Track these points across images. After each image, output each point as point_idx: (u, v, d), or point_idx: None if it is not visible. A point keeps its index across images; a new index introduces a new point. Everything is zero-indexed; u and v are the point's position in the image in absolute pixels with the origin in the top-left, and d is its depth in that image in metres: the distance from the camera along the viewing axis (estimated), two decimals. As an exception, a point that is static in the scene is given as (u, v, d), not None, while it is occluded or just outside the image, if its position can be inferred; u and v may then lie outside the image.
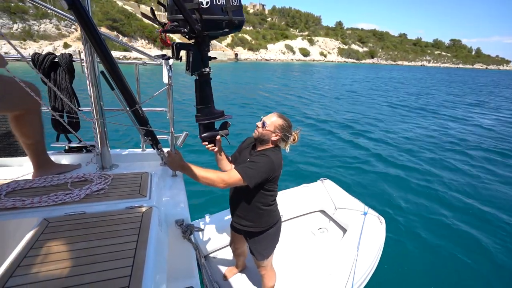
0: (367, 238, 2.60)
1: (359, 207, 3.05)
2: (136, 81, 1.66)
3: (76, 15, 1.07)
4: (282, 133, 1.65)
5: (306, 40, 79.20)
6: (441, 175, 5.96)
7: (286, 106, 12.74)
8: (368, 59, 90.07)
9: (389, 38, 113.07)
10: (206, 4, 1.28)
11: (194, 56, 1.42)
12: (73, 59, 1.54)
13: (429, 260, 3.45)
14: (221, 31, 1.40)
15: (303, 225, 3.13)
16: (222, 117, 1.67)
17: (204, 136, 1.66)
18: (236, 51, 55.90)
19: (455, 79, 42.13)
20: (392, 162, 6.55)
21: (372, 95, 18.57)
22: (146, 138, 1.46)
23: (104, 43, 1.16)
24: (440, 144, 8.26)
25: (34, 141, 1.37)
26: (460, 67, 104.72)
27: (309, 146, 7.42)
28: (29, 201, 1.13)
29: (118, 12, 41.18)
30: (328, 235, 3.02)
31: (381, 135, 8.84)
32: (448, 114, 13.31)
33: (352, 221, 2.86)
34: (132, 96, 1.30)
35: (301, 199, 3.28)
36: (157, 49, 42.76)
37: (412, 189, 5.25)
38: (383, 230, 2.78)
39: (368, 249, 2.50)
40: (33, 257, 0.84)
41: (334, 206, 3.17)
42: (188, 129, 1.76)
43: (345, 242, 2.59)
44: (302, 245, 2.82)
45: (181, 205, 1.42)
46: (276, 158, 1.62)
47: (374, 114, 12.11)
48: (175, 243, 1.36)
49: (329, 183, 3.52)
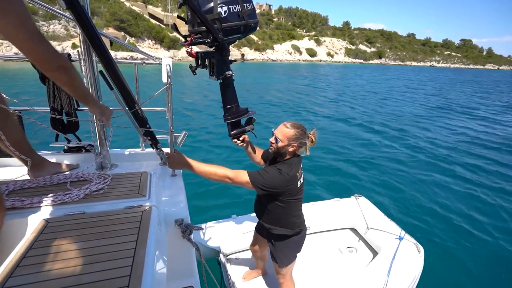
0: (401, 265, 2.39)
1: (394, 231, 2.81)
2: (135, 81, 1.66)
3: (74, 15, 1.07)
4: (298, 142, 1.64)
5: (313, 40, 78.76)
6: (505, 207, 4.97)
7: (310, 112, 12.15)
8: (376, 59, 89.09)
9: (397, 38, 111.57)
10: (225, 13, 1.38)
11: (218, 62, 1.54)
12: (71, 59, 1.53)
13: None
14: (239, 35, 1.52)
15: (331, 241, 2.98)
16: (247, 114, 1.77)
17: (233, 134, 1.77)
18: (242, 51, 55.96)
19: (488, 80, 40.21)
20: (441, 185, 5.60)
21: (413, 100, 17.22)
22: (146, 138, 1.46)
23: (102, 43, 1.15)
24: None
25: (15, 141, 1.33)
26: (470, 67, 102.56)
27: (344, 156, 6.85)
28: (28, 201, 1.13)
29: (126, 12, 41.64)
30: (356, 255, 2.83)
31: (433, 149, 7.65)
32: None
33: (385, 244, 2.65)
34: (131, 96, 1.30)
35: (331, 214, 3.11)
36: (164, 49, 43.16)
37: (462, 221, 4.46)
38: (420, 260, 2.51)
39: (402, 278, 2.28)
40: (33, 257, 0.84)
41: (367, 226, 2.95)
42: (186, 129, 1.76)
43: (375, 265, 2.41)
44: (327, 262, 2.68)
45: (180, 204, 1.42)
46: (290, 172, 1.61)
47: (417, 123, 10.95)
48: (174, 242, 1.36)
49: (364, 201, 3.30)
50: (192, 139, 7.26)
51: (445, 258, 3.64)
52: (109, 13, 39.29)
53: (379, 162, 6.68)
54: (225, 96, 1.67)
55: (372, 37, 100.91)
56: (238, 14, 1.43)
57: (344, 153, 7.12)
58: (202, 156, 6.32)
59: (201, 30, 1.42)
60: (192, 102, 12.59)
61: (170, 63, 1.38)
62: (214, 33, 1.38)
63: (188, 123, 9.08)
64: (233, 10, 1.40)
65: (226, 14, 1.39)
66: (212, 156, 6.39)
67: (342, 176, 5.74)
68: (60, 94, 1.51)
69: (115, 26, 38.89)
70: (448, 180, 5.91)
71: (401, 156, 7.18)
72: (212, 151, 6.71)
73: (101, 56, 1.17)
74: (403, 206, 4.77)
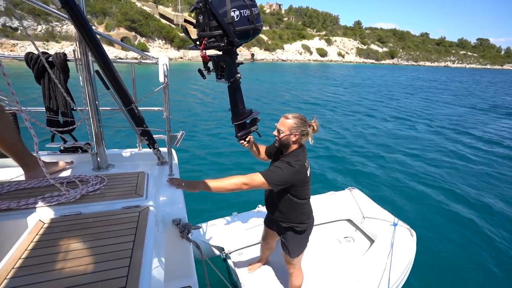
0: (397, 250, 2.53)
1: (388, 218, 2.97)
2: (132, 81, 1.65)
3: (69, 14, 1.05)
4: (299, 131, 1.71)
5: (324, 40, 77.88)
6: (489, 189, 5.53)
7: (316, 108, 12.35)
8: (388, 59, 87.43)
9: (410, 38, 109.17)
10: (237, 18, 1.43)
11: (228, 65, 1.58)
12: (67, 58, 1.53)
13: (462, 282, 3.23)
14: (248, 39, 1.58)
15: (329, 232, 3.10)
16: (252, 115, 1.85)
17: (240, 135, 1.85)
18: (252, 51, 55.96)
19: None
20: (429, 176, 6.03)
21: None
22: (142, 138, 1.45)
23: (98, 42, 1.14)
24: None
25: (10, 142, 1.34)
26: (487, 68, 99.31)
27: (338, 151, 7.23)
28: (24, 202, 1.12)
29: (137, 12, 42.28)
30: (354, 244, 2.96)
31: (421, 147, 8.04)
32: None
33: (381, 232, 2.79)
34: (127, 95, 1.28)
35: (327, 206, 3.24)
36: (174, 49, 43.64)
37: (448, 205, 4.86)
38: (413, 244, 2.69)
39: (398, 262, 2.42)
40: (28, 259, 0.83)
41: (362, 216, 3.11)
42: (184, 128, 1.75)
43: (373, 252, 2.53)
44: (327, 252, 2.79)
45: (178, 204, 1.41)
46: (298, 163, 1.68)
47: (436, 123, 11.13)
48: (172, 242, 1.35)
49: (357, 192, 3.47)
50: (192, 139, 7.33)
51: (435, 239, 3.92)
52: (121, 13, 39.99)
53: (372, 155, 7.16)
54: (233, 99, 1.72)
55: (384, 36, 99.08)
56: (248, 18, 1.49)
57: (335, 148, 7.51)
58: (202, 156, 6.32)
59: (215, 34, 1.45)
60: (192, 103, 12.68)
61: (167, 63, 1.36)
62: (231, 36, 1.43)
63: (186, 123, 9.13)
64: (244, 15, 1.45)
65: (238, 18, 1.44)
66: (213, 160, 6.35)
67: (335, 171, 6.08)
68: (55, 94, 1.51)
69: (126, 26, 39.58)
70: (438, 173, 6.33)
71: (392, 150, 7.70)
72: (216, 152, 6.68)
73: (97, 55, 1.16)
74: (395, 197, 5.08)
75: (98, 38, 1.15)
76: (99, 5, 40.08)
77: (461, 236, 4.07)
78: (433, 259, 3.48)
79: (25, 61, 1.45)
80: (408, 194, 5.19)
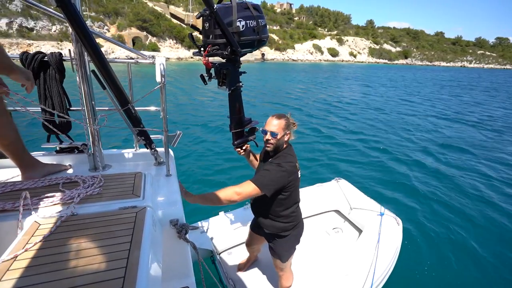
0: (384, 239, 2.57)
1: (375, 208, 3.00)
2: (128, 81, 1.63)
3: (65, 13, 1.04)
4: (290, 129, 1.71)
5: (335, 40, 76.98)
6: (465, 177, 5.82)
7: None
8: (401, 59, 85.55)
9: (424, 37, 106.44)
10: (242, 28, 1.46)
11: (231, 73, 1.60)
12: (63, 58, 1.52)
13: (447, 264, 3.36)
14: (252, 49, 1.61)
15: (317, 224, 3.13)
16: (250, 124, 1.87)
17: (237, 143, 1.86)
18: (262, 51, 55.88)
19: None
20: (411, 163, 6.39)
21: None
22: (139, 138, 1.44)
23: (94, 41, 1.13)
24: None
25: (9, 141, 1.33)
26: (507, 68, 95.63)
27: (324, 144, 7.51)
28: (19, 203, 1.11)
29: (148, 12, 42.89)
30: (343, 235, 3.00)
31: (401, 136, 8.63)
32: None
33: (368, 222, 2.82)
34: (124, 95, 1.27)
35: (315, 199, 3.25)
36: (185, 49, 44.11)
37: (430, 192, 5.11)
38: (400, 231, 2.74)
39: (386, 250, 2.46)
40: (24, 260, 0.83)
41: (350, 206, 3.14)
42: (181, 129, 1.75)
43: (361, 242, 2.56)
44: (317, 245, 2.80)
45: (175, 205, 1.39)
46: (289, 164, 1.65)
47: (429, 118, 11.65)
48: (170, 243, 1.33)
49: (344, 183, 3.48)
50: (190, 139, 7.37)
51: (420, 226, 4.02)
52: (132, 13, 40.67)
53: (357, 146, 7.48)
54: (233, 107, 1.74)
55: (397, 36, 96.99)
56: (254, 29, 1.51)
57: (320, 141, 7.85)
58: (201, 156, 6.30)
59: (219, 42, 1.46)
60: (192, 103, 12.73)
61: (163, 62, 1.34)
62: (234, 46, 1.44)
63: (184, 122, 9.16)
64: (249, 25, 1.48)
65: (243, 29, 1.46)
66: (210, 161, 6.29)
67: (322, 163, 6.22)
68: (51, 94, 1.51)
69: (138, 26, 40.26)
70: (423, 159, 6.75)
71: (373, 140, 8.08)
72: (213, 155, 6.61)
73: (93, 55, 1.15)
74: (380, 185, 5.23)
75: (94, 38, 1.14)
76: (111, 5, 40.91)
77: (445, 219, 4.20)
78: (418, 246, 3.57)
79: (20, 61, 1.46)
80: (393, 182, 5.38)
